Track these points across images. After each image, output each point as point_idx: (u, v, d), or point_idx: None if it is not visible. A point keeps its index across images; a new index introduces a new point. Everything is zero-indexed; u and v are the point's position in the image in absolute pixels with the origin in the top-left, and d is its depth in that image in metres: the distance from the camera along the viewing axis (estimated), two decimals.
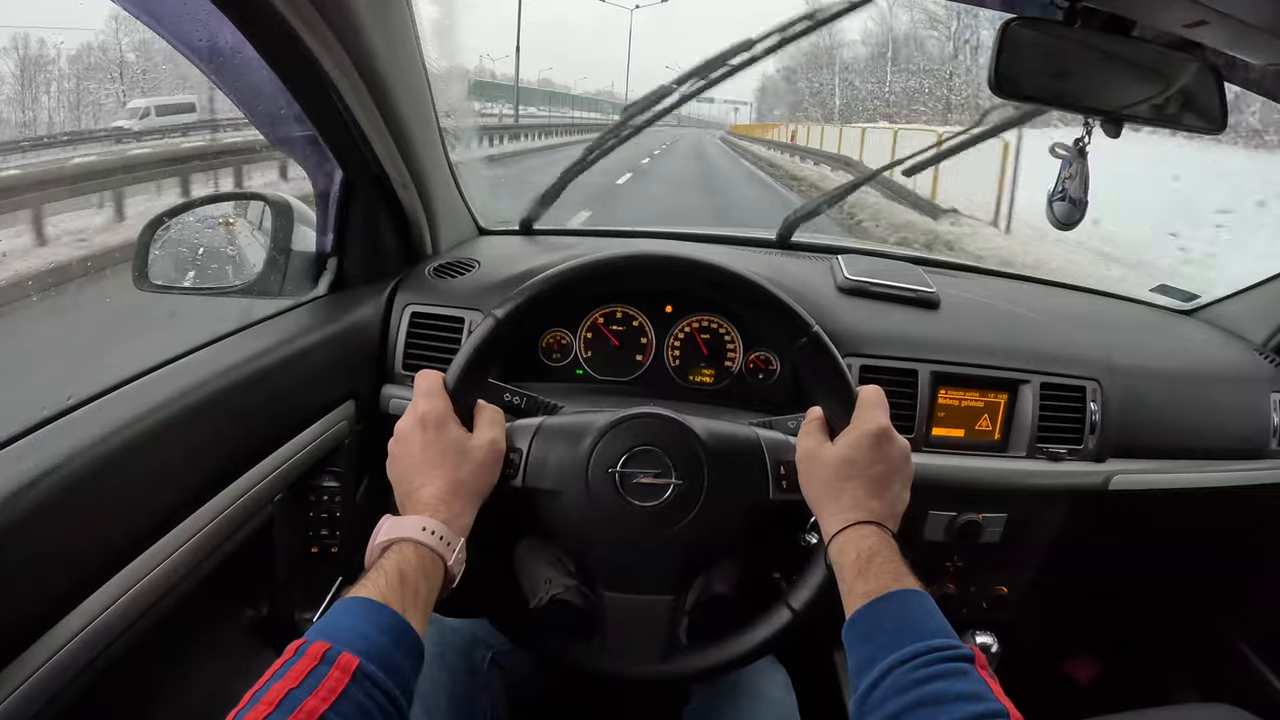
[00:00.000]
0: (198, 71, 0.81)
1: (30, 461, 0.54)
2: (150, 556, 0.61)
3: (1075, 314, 1.17)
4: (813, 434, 0.66)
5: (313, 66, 0.76)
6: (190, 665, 0.74)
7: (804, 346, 0.67)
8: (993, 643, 1.02)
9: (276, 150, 0.97)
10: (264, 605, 0.86)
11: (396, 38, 0.84)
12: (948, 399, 0.96)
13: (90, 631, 0.55)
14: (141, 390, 0.67)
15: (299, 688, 0.43)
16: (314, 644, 0.46)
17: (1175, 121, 0.81)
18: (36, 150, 3.73)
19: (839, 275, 1.08)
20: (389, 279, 1.01)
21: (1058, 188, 0.84)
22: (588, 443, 0.67)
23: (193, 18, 0.75)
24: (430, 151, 1.01)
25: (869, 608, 0.55)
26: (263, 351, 0.79)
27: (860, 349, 0.95)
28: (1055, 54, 0.73)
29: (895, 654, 0.50)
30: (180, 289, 0.95)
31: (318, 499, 0.90)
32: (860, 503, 0.61)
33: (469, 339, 0.66)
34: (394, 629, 0.50)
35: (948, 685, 0.48)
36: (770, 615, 0.68)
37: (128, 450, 0.60)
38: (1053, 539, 1.01)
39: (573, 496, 0.67)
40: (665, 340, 1.01)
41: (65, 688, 0.54)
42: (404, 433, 0.63)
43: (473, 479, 0.62)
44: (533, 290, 0.67)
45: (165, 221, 0.94)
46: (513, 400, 0.74)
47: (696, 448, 0.67)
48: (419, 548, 0.56)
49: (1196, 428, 1.04)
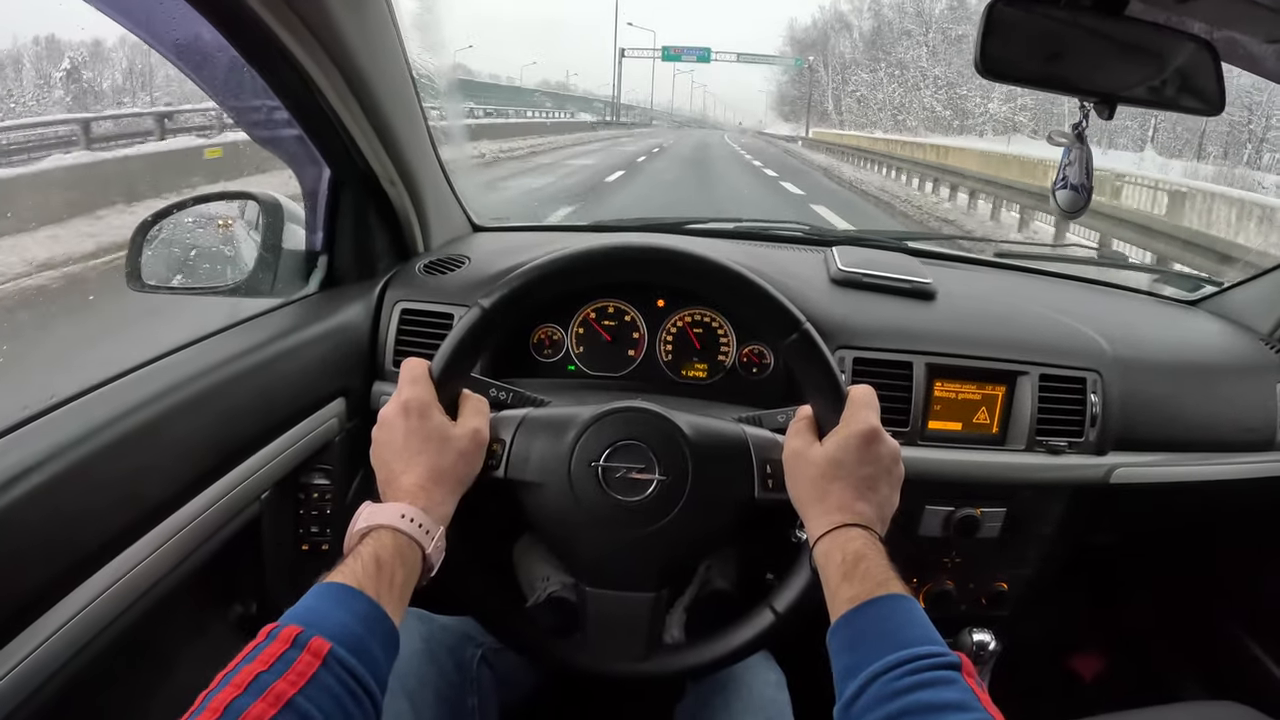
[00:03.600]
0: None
1: (13, 458, 0.54)
2: (135, 552, 0.61)
3: (1075, 305, 1.15)
4: (801, 433, 0.65)
5: (292, 65, 0.75)
6: (176, 660, 0.74)
7: (793, 343, 0.66)
8: (990, 640, 1.00)
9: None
10: (253, 602, 0.86)
11: (374, 33, 0.84)
12: (944, 392, 0.95)
13: (74, 626, 0.55)
14: (126, 387, 0.67)
15: (268, 671, 0.43)
16: (286, 628, 0.46)
17: (1172, 104, 0.79)
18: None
19: (832, 266, 1.07)
20: (379, 276, 1.01)
21: (1059, 176, 0.83)
22: (571, 435, 0.67)
23: (170, 18, 0.75)
24: (418, 148, 1.00)
25: (853, 613, 0.54)
26: (251, 349, 0.79)
27: (853, 341, 0.94)
28: (1045, 35, 0.71)
29: (879, 662, 0.49)
30: (172, 289, 0.95)
31: (308, 496, 0.90)
32: (846, 504, 0.60)
33: (456, 327, 0.66)
34: (368, 615, 0.50)
35: (933, 694, 0.46)
36: (753, 617, 0.68)
37: (112, 446, 0.60)
38: (1053, 533, 1.00)
39: (555, 489, 0.66)
40: (658, 335, 1.00)
41: (48, 681, 0.54)
42: (387, 419, 0.63)
43: (454, 467, 0.62)
44: (519, 280, 0.66)
45: (157, 221, 0.95)
46: (499, 395, 0.73)
47: (681, 443, 0.67)
48: (397, 535, 0.56)
49: (1200, 419, 1.02)
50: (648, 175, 14.05)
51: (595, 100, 58.10)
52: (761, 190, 12.50)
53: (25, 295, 3.43)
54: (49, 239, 3.82)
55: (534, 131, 22.92)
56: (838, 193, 12.98)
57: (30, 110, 5.39)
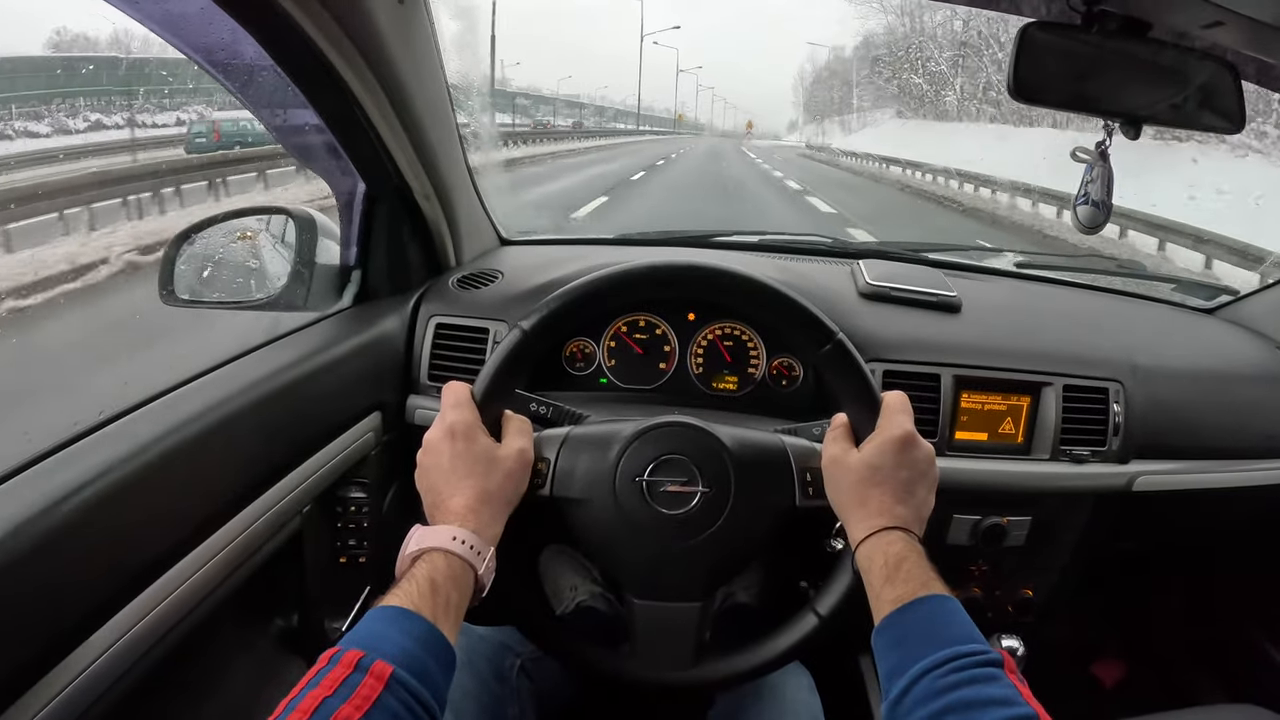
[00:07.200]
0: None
1: (65, 476, 0.55)
2: (181, 569, 0.62)
3: (1097, 315, 1.16)
4: (838, 440, 0.66)
5: (335, 81, 0.77)
6: (222, 674, 0.75)
7: (828, 353, 0.67)
8: (1019, 646, 1.02)
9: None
10: (294, 615, 0.86)
11: (419, 51, 0.85)
12: (970, 403, 0.96)
13: (124, 642, 0.56)
14: (171, 405, 0.68)
15: (333, 695, 0.44)
16: (348, 652, 0.47)
17: (1194, 122, 0.81)
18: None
19: (860, 280, 1.08)
20: (413, 291, 1.02)
21: (1081, 192, 0.84)
22: (615, 451, 0.68)
23: (216, 34, 0.76)
24: (452, 163, 1.02)
25: (898, 614, 0.55)
26: (289, 365, 0.80)
27: (882, 354, 0.95)
28: (1074, 57, 0.73)
29: (925, 660, 0.50)
30: (206, 303, 0.96)
31: (345, 509, 0.91)
32: (887, 508, 0.61)
33: (496, 351, 0.67)
34: (426, 637, 0.51)
35: (978, 690, 0.48)
36: (797, 621, 0.69)
37: (159, 464, 0.61)
38: (1077, 541, 1.01)
39: (600, 505, 0.67)
40: (688, 348, 1.01)
41: (102, 696, 0.55)
42: (433, 444, 0.64)
43: (501, 489, 0.63)
44: (558, 302, 0.67)
45: (191, 236, 0.96)
46: (539, 410, 0.74)
47: (723, 455, 0.68)
48: (449, 557, 0.56)
49: (1220, 427, 1.03)
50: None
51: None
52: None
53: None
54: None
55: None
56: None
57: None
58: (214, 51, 0.79)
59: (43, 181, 4.62)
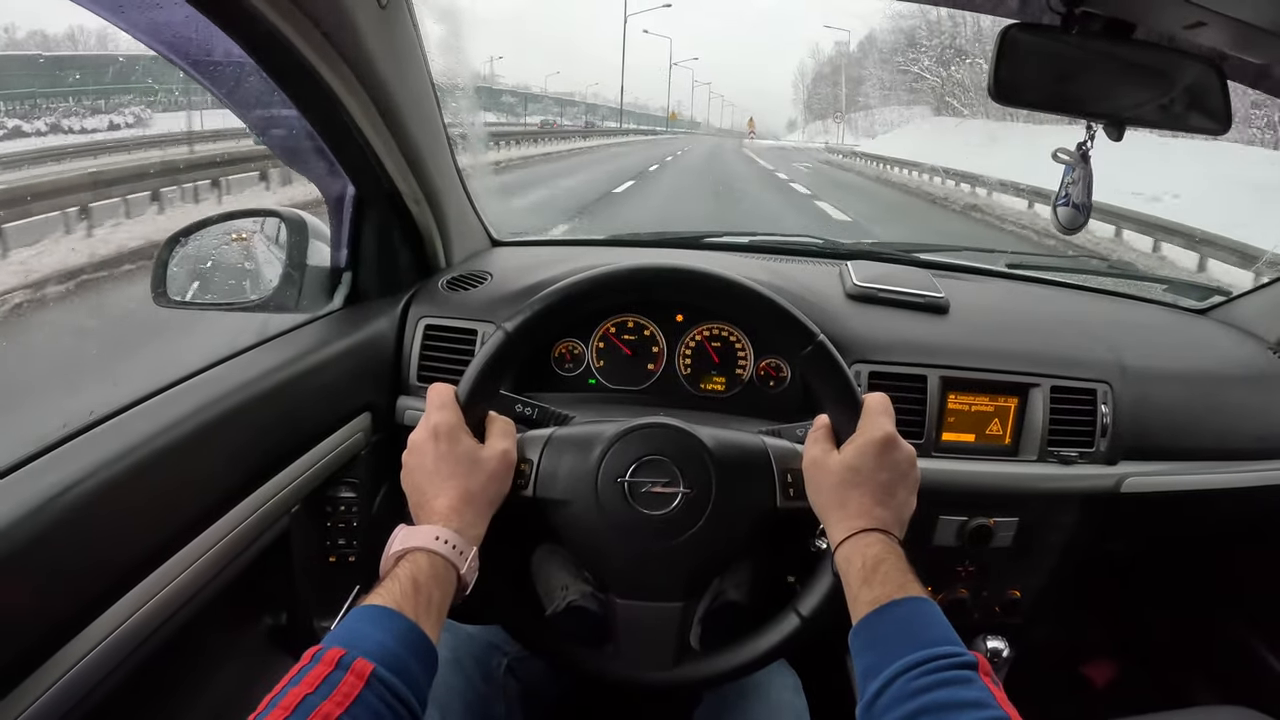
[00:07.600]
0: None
1: (55, 476, 0.56)
2: (170, 567, 0.63)
3: (1086, 316, 1.16)
4: (819, 442, 0.66)
5: (320, 87, 0.77)
6: (211, 671, 0.76)
7: (809, 355, 0.67)
8: (1004, 647, 1.02)
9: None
10: (283, 613, 0.87)
11: (403, 55, 0.86)
12: (957, 404, 0.96)
13: (113, 639, 0.57)
14: (161, 405, 0.69)
15: (315, 693, 0.44)
16: (329, 650, 0.47)
17: (1180, 122, 0.80)
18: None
19: (848, 281, 1.08)
20: (403, 292, 1.03)
21: (1061, 193, 0.84)
22: (597, 453, 0.68)
23: (201, 41, 0.76)
24: (440, 166, 1.02)
25: (874, 615, 0.56)
26: (279, 366, 0.81)
27: (868, 355, 0.95)
28: (1056, 59, 0.73)
29: (899, 662, 0.51)
30: (198, 305, 0.97)
31: (335, 509, 0.92)
32: (866, 510, 0.61)
33: (480, 352, 0.68)
34: (407, 636, 0.51)
35: (952, 693, 0.48)
36: (780, 621, 0.69)
37: (149, 464, 0.62)
38: (1065, 543, 1.01)
39: (583, 506, 0.68)
40: (677, 349, 1.02)
41: (91, 692, 0.56)
42: (417, 444, 0.64)
43: (484, 489, 0.63)
44: (541, 304, 0.68)
45: (182, 239, 0.96)
46: (524, 411, 0.75)
47: (704, 457, 0.68)
48: (432, 556, 0.57)
49: (1211, 429, 1.03)
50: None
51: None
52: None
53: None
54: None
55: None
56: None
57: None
58: (199, 57, 0.79)
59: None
